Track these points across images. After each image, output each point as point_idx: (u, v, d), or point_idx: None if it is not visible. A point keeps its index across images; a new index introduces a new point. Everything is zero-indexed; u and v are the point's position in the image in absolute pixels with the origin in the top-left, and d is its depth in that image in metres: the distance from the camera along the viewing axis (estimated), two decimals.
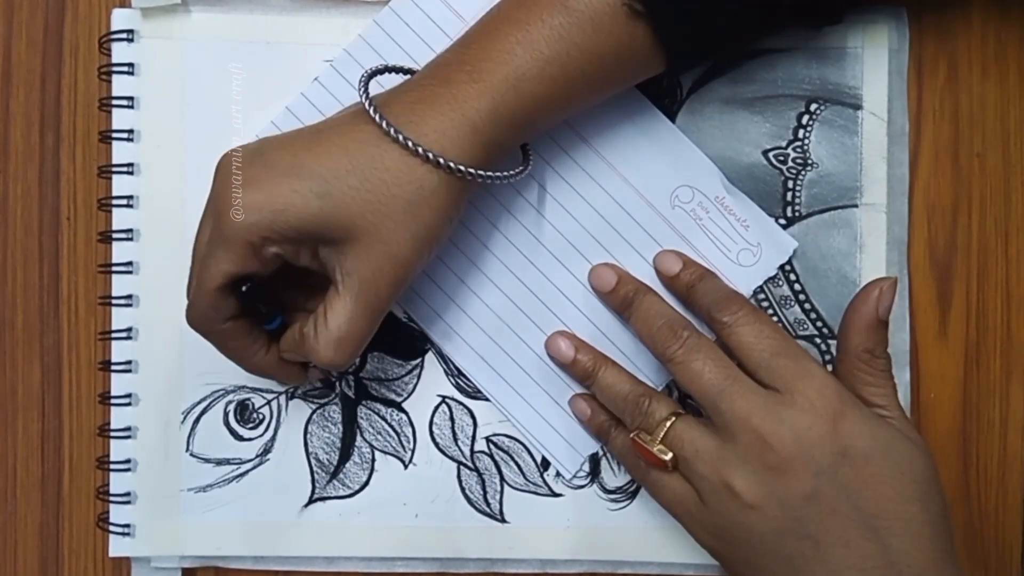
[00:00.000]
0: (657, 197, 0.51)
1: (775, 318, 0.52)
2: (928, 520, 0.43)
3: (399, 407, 0.52)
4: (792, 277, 0.52)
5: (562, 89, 0.44)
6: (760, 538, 0.44)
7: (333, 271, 0.43)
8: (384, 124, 0.42)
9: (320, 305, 0.44)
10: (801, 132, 0.51)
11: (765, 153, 0.52)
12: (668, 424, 0.46)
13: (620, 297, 0.50)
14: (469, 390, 0.52)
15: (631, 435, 0.47)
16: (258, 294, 0.44)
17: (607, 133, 0.51)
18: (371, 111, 0.42)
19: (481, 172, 0.43)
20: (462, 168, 0.42)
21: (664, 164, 0.51)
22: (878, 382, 0.45)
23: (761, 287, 0.51)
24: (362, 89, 0.44)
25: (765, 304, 0.52)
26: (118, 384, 0.52)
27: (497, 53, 0.43)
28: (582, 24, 0.43)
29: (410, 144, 0.42)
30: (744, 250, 0.51)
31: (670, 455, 0.46)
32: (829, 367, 0.50)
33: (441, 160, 0.42)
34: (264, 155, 0.43)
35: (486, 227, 0.51)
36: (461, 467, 0.52)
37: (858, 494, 0.43)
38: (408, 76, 0.47)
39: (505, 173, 0.45)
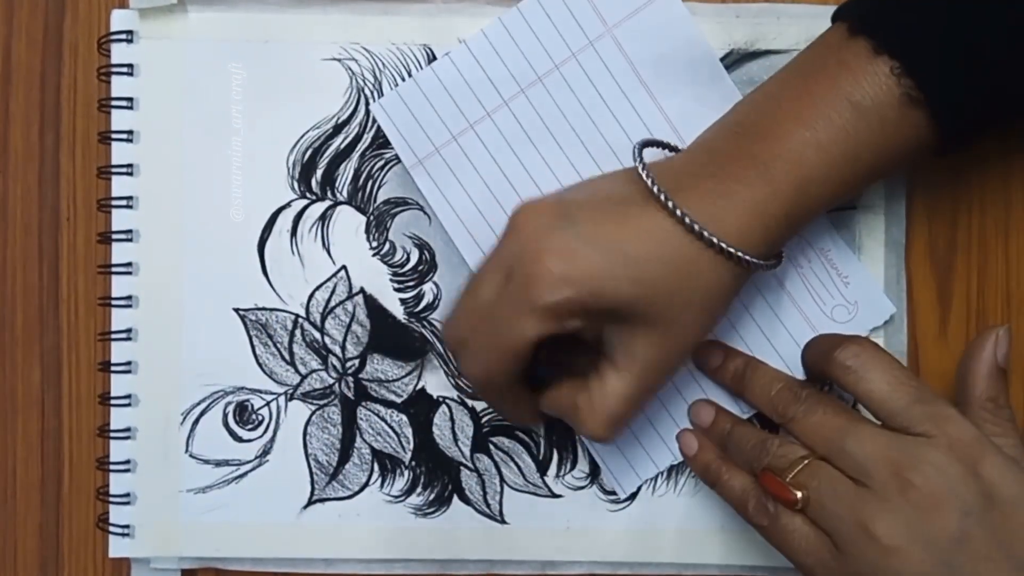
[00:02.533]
0: None
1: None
2: None
3: (399, 408, 0.52)
4: None
5: (846, 187, 0.43)
6: None
7: (614, 348, 0.44)
8: (698, 228, 0.42)
9: (594, 378, 0.44)
10: None
11: None
12: (803, 464, 0.43)
13: (731, 373, 0.50)
14: (469, 391, 0.52)
15: (762, 469, 0.45)
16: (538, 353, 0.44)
17: None
18: (679, 215, 0.42)
19: (768, 264, 0.44)
20: (763, 263, 0.43)
21: None
22: (1006, 432, 0.43)
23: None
24: (645, 174, 0.43)
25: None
26: (117, 385, 0.52)
27: (788, 153, 0.42)
28: (869, 120, 0.42)
29: (725, 247, 0.42)
30: (839, 306, 0.51)
31: (802, 493, 0.43)
32: None
33: (751, 260, 0.42)
34: (574, 223, 0.42)
35: None
36: (461, 468, 0.52)
37: (1010, 543, 0.40)
38: (671, 152, 0.48)
39: (771, 262, 0.45)
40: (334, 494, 0.52)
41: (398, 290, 0.52)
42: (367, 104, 0.52)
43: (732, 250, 0.42)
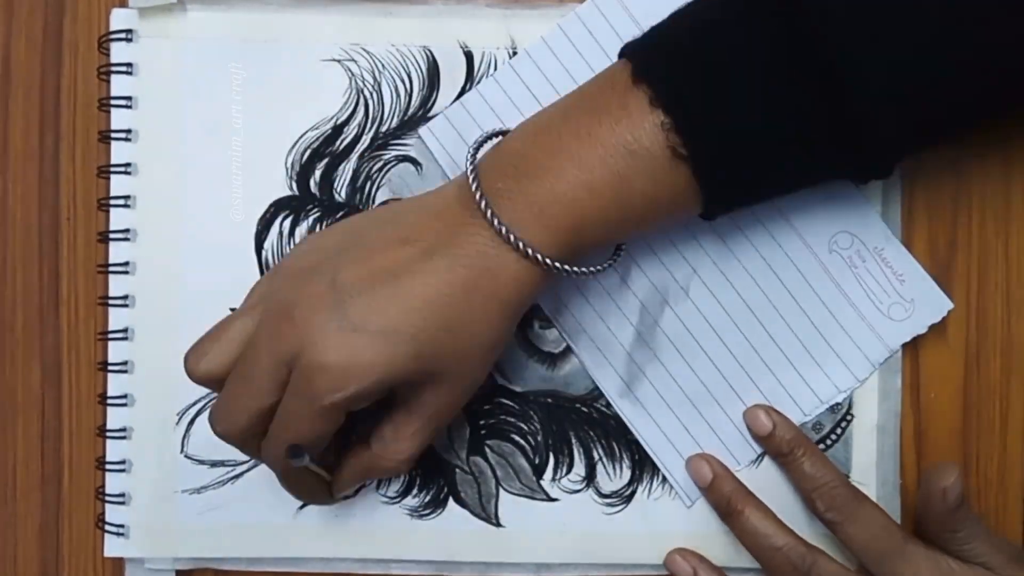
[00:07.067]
0: (816, 239, 0.51)
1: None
2: None
3: None
4: None
5: (618, 230, 0.44)
6: None
7: (405, 398, 0.45)
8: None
9: (386, 422, 0.45)
10: None
11: None
12: None
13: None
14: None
15: None
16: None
17: None
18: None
19: (570, 268, 0.44)
20: (562, 267, 0.43)
21: (827, 207, 0.50)
22: (968, 536, 0.47)
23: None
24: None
25: None
26: (115, 384, 0.52)
27: (562, 196, 0.42)
28: (642, 170, 0.42)
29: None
30: (896, 304, 0.50)
31: None
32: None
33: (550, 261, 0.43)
34: (345, 312, 0.42)
35: (647, 251, 0.51)
36: (457, 470, 0.52)
37: None
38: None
39: (592, 268, 0.45)
40: None
41: None
42: (366, 105, 0.52)
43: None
